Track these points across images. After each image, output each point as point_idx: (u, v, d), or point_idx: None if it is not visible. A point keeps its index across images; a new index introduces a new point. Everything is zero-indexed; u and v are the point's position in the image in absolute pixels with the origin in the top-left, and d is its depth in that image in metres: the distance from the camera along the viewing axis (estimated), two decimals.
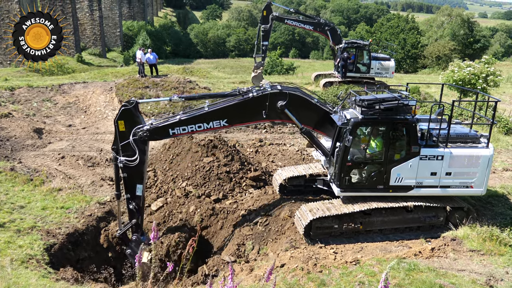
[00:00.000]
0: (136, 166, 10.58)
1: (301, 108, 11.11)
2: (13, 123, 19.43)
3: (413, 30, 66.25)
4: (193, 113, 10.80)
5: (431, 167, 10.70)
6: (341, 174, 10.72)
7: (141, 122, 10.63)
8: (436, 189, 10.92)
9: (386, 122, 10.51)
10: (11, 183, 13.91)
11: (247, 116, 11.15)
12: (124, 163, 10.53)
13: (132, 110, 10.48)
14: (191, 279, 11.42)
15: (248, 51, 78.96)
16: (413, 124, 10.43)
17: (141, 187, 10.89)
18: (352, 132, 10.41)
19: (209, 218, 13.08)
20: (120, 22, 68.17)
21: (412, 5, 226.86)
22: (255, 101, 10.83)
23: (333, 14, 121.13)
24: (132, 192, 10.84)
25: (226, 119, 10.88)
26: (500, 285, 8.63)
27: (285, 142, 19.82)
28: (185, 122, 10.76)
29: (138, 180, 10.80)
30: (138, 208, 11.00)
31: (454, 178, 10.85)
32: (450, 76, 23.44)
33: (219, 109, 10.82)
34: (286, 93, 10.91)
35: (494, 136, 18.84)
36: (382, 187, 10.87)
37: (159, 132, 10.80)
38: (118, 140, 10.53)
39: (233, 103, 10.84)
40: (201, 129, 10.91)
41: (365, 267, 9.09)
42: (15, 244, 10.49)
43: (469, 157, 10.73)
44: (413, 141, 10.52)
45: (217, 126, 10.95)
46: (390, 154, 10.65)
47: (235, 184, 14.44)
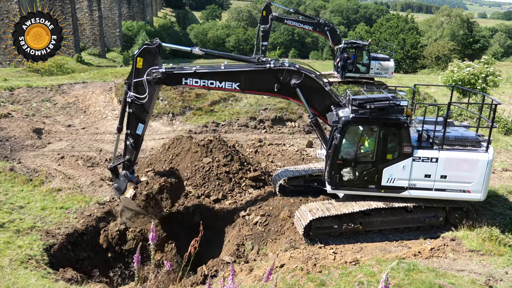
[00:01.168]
0: (143, 105, 11.19)
1: (312, 91, 11.27)
2: (12, 123, 19.41)
3: (412, 30, 66.27)
4: (209, 69, 11.18)
5: (425, 169, 10.51)
6: (332, 172, 10.85)
7: (158, 64, 11.05)
8: (430, 192, 10.70)
9: (377, 121, 10.51)
10: (10, 183, 13.90)
11: (259, 85, 11.43)
12: (133, 99, 11.11)
13: (153, 50, 11.01)
14: (191, 279, 11.42)
15: (248, 51, 78.90)
16: (405, 124, 10.37)
17: (142, 126, 11.42)
18: (342, 131, 10.53)
19: (209, 218, 13.07)
20: (120, 22, 68.14)
21: (412, 5, 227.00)
22: (270, 72, 11.08)
23: (332, 14, 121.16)
24: (133, 129, 11.38)
25: (238, 83, 11.19)
26: (499, 285, 8.64)
27: (285, 142, 19.83)
28: (199, 75, 11.15)
29: (141, 119, 11.37)
30: (134, 146, 11.51)
31: (450, 181, 10.56)
32: (449, 76, 23.47)
33: (234, 71, 11.16)
34: (301, 73, 11.12)
35: (493, 136, 18.85)
36: (374, 187, 10.86)
37: (173, 78, 11.23)
38: (132, 76, 11.05)
39: (249, 68, 11.22)
40: (213, 86, 11.24)
41: (365, 267, 9.09)
42: (14, 245, 10.47)
43: (466, 161, 10.42)
44: (405, 141, 10.44)
45: (229, 87, 11.26)
46: (381, 154, 10.64)
47: (234, 184, 14.43)
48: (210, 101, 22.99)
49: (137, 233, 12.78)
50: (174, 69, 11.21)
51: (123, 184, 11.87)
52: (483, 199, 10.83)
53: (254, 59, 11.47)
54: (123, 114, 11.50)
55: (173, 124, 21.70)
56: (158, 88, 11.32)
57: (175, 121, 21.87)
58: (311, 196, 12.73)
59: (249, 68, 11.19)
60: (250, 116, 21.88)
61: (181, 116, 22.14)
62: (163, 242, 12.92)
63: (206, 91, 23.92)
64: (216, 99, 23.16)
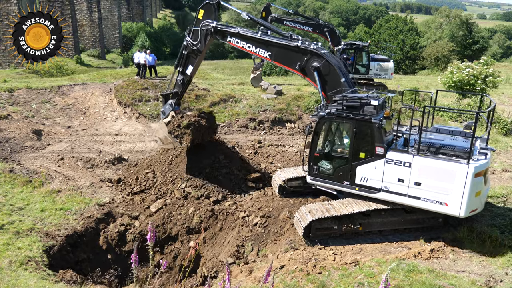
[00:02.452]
0: (193, 51, 13.58)
1: (328, 78, 11.81)
2: (12, 125, 19.40)
3: (411, 31, 66.27)
4: (248, 33, 12.71)
5: (398, 172, 10.23)
6: (310, 163, 11.45)
7: (214, 19, 13.10)
8: (404, 198, 10.32)
9: (348, 119, 10.73)
10: (10, 184, 13.88)
11: (285, 59, 12.44)
12: (188, 43, 13.57)
13: (213, 7, 13.07)
14: (190, 280, 11.41)
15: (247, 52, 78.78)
16: (377, 125, 10.36)
17: (191, 68, 13.95)
18: (318, 125, 11.08)
19: (208, 219, 13.07)
20: (119, 23, 68.17)
21: (411, 6, 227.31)
22: (296, 50, 12.05)
23: (332, 15, 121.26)
24: (185, 68, 14.00)
25: (270, 52, 12.48)
26: (499, 286, 8.63)
27: (284, 143, 19.82)
28: (240, 36, 12.78)
29: (192, 62, 13.86)
30: (183, 82, 14.29)
31: (425, 190, 10.00)
32: (449, 77, 23.46)
33: (267, 40, 12.41)
34: (323, 58, 11.73)
35: (493, 137, 18.87)
36: (348, 183, 11.02)
37: (220, 33, 13.09)
38: (194, 24, 13.42)
39: (279, 41, 12.26)
40: (249, 50, 12.72)
41: (365, 268, 9.08)
42: (14, 246, 10.45)
43: (442, 171, 9.74)
44: (377, 141, 10.43)
45: (261, 54, 12.63)
46: (355, 152, 10.79)
47: (234, 185, 14.43)
48: (209, 102, 22.98)
49: (136, 234, 12.78)
50: (222, 26, 13.02)
51: (167, 110, 14.70)
52: (463, 215, 9.81)
53: (288, 34, 12.45)
54: (181, 54, 13.85)
55: None
56: (209, 39, 13.24)
57: None
58: (311, 197, 12.73)
59: (280, 41, 12.22)
60: (249, 117, 21.88)
61: None
62: (162, 243, 12.92)
63: (206, 92, 23.94)
64: (215, 100, 23.15)
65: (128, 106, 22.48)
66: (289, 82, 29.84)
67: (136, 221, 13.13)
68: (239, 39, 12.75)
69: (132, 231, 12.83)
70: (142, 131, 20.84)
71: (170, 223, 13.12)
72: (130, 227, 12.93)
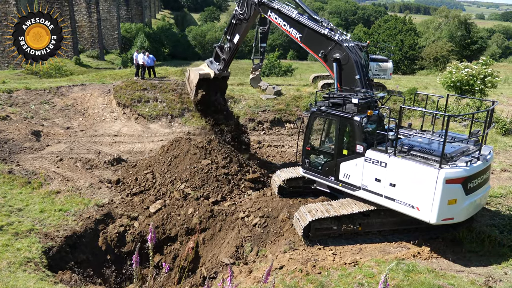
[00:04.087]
0: (241, 20, 14.61)
1: (344, 72, 12.22)
2: (11, 126, 19.38)
3: (410, 32, 66.38)
4: (286, 11, 13.33)
5: (375, 172, 10.21)
6: (302, 156, 11.95)
7: None
8: (381, 198, 10.24)
9: (332, 116, 11.11)
10: (9, 185, 13.86)
11: (312, 44, 12.91)
12: (237, 12, 14.64)
13: None
14: (190, 281, 11.41)
15: (246, 53, 78.80)
16: (357, 123, 10.50)
17: (238, 36, 14.90)
18: (309, 120, 11.59)
19: (208, 220, 13.06)
20: (118, 24, 68.18)
21: (410, 7, 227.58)
22: (322, 37, 12.52)
23: (331, 15, 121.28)
24: (232, 36, 15.03)
25: (301, 34, 13.00)
26: (499, 285, 8.63)
27: (284, 143, 19.83)
28: (278, 13, 13.49)
29: (239, 30, 14.80)
30: (230, 50, 15.31)
31: (399, 192, 9.80)
32: (448, 78, 23.49)
33: (300, 21, 12.99)
34: (345, 51, 12.12)
35: (492, 137, 18.90)
36: (334, 179, 11.28)
37: (263, 6, 13.92)
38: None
39: (310, 25, 12.78)
40: (284, 28, 13.39)
41: (364, 269, 9.08)
42: (13, 247, 10.44)
43: (413, 173, 9.49)
44: (358, 140, 10.59)
45: (294, 35, 13.18)
46: (338, 148, 11.08)
47: (233, 186, 14.42)
48: None
49: (136, 235, 12.77)
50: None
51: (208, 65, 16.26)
52: (434, 222, 9.44)
53: (320, 20, 12.98)
54: (230, 23, 14.97)
55: (172, 126, 21.69)
56: (254, 10, 14.14)
57: (174, 123, 21.86)
58: (310, 197, 12.74)
59: (310, 25, 12.72)
60: (249, 118, 21.88)
61: (179, 118, 22.15)
62: (162, 244, 12.91)
63: None
64: None
65: (127, 107, 22.47)
66: (288, 83, 29.85)
67: (136, 222, 13.12)
68: (277, 15, 13.44)
69: (131, 232, 12.82)
70: (141, 131, 20.83)
71: (170, 224, 13.11)
72: (129, 228, 12.91)
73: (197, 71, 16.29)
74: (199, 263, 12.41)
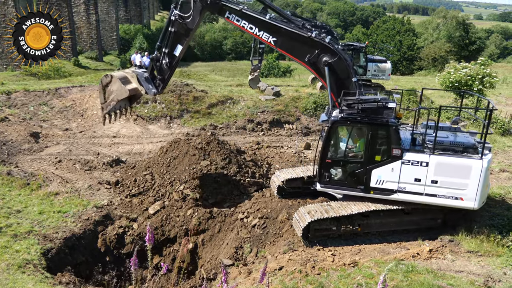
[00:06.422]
0: (185, 24, 11.55)
1: (339, 76, 11.28)
2: (9, 127, 19.36)
3: (409, 32, 66.52)
4: (254, 13, 11.37)
5: (415, 172, 10.36)
6: (321, 170, 11.04)
7: None
8: (421, 196, 10.51)
9: (364, 122, 10.56)
10: (7, 187, 13.85)
11: (294, 49, 11.42)
12: (177, 17, 11.46)
13: None
14: (189, 282, 11.40)
15: (245, 54, 78.88)
16: (393, 126, 10.35)
17: (180, 48, 11.84)
18: (331, 130, 10.69)
19: (207, 221, 13.05)
20: (117, 25, 68.14)
21: (408, 7, 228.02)
22: (308, 41, 11.08)
23: (329, 16, 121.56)
24: (172, 49, 11.85)
25: (276, 38, 11.33)
26: (498, 286, 8.64)
27: (283, 144, 19.82)
28: (242, 15, 11.35)
29: (181, 41, 11.79)
30: (169, 65, 12.10)
31: (441, 187, 10.30)
32: (446, 78, 23.51)
33: (276, 25, 11.25)
34: (336, 54, 11.07)
35: (490, 137, 18.91)
36: (363, 188, 10.89)
37: (217, 7, 11.46)
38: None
39: (290, 28, 11.21)
40: (251, 31, 11.42)
41: (363, 269, 9.09)
42: (11, 249, 10.42)
43: (458, 167, 10.12)
44: (394, 143, 10.41)
45: (265, 39, 11.42)
46: (370, 155, 10.67)
47: (232, 187, 14.41)
48: (207, 104, 22.99)
49: (135, 237, 12.75)
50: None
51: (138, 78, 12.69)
52: (477, 207, 10.36)
53: (300, 23, 11.56)
54: (165, 32, 11.87)
55: (170, 127, 21.68)
56: (202, 12, 11.53)
57: (172, 124, 21.85)
58: (310, 198, 12.72)
59: (291, 29, 11.22)
60: (247, 119, 21.88)
61: (178, 119, 22.13)
62: (161, 245, 12.90)
63: (204, 94, 23.95)
64: (213, 102, 23.16)
65: None
66: (287, 84, 29.87)
67: (135, 223, 13.10)
68: (241, 18, 11.33)
69: (130, 234, 12.79)
70: (140, 133, 20.82)
71: (169, 225, 13.10)
72: (128, 230, 12.89)
73: (124, 84, 12.82)
74: (199, 264, 12.40)
